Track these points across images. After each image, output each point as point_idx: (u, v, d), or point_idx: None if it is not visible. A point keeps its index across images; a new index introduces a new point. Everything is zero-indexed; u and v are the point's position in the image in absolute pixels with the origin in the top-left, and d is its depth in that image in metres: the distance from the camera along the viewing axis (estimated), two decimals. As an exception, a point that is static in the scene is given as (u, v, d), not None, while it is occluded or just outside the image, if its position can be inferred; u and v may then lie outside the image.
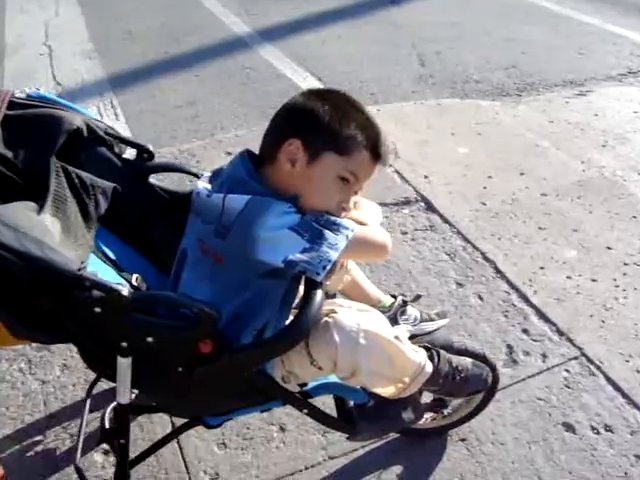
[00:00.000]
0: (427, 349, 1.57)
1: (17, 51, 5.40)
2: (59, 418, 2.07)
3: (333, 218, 1.30)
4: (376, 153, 1.36)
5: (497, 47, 5.19)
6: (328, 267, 1.24)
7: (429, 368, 1.45)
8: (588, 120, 3.89)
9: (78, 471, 1.58)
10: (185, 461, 1.94)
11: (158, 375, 1.35)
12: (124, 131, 4.07)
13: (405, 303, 1.82)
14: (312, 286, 1.26)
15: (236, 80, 4.78)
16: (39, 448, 1.99)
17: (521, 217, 2.96)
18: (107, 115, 4.28)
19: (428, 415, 1.84)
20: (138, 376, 1.31)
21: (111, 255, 1.54)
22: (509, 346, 2.27)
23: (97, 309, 1.14)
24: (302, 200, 1.32)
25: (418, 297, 1.95)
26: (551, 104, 4.15)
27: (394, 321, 1.76)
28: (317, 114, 1.32)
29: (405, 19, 5.80)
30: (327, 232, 1.26)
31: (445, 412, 1.85)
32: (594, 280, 2.58)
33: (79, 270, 1.12)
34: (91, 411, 1.90)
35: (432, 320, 1.85)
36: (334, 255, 1.25)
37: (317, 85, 4.63)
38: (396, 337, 1.39)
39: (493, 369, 1.78)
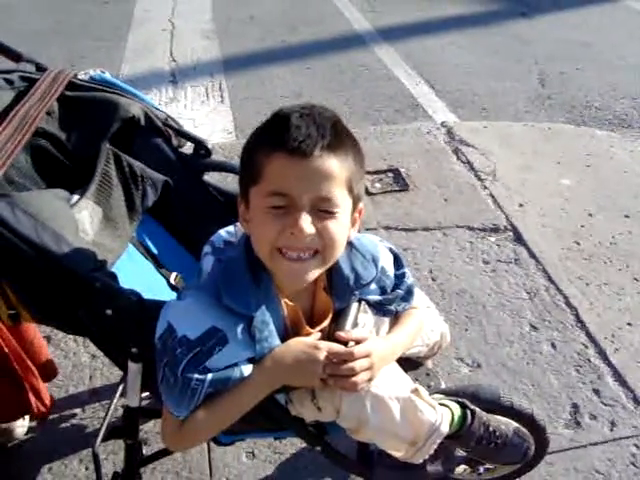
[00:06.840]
0: (462, 406, 1.42)
1: (142, 24, 5.57)
2: (101, 395, 2.08)
3: None
4: (282, 140, 1.00)
5: (628, 74, 4.82)
6: None
7: (445, 428, 1.28)
8: None
9: (95, 457, 1.55)
10: (210, 464, 1.89)
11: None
12: (227, 114, 4.10)
13: None
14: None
15: (347, 77, 4.70)
16: (75, 421, 2.01)
17: (617, 264, 2.70)
18: (213, 96, 4.32)
19: (463, 468, 1.68)
20: (149, 381, 1.26)
21: (153, 249, 1.50)
22: (575, 405, 2.06)
23: (108, 311, 1.10)
24: None
25: None
26: (675, 144, 3.81)
27: None
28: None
29: (533, 33, 5.51)
30: None
31: (482, 469, 1.69)
32: (686, 348, 2.31)
33: (93, 270, 1.08)
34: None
35: None
36: None
37: (427, 92, 4.48)
38: (413, 390, 1.26)
39: (542, 431, 1.61)
